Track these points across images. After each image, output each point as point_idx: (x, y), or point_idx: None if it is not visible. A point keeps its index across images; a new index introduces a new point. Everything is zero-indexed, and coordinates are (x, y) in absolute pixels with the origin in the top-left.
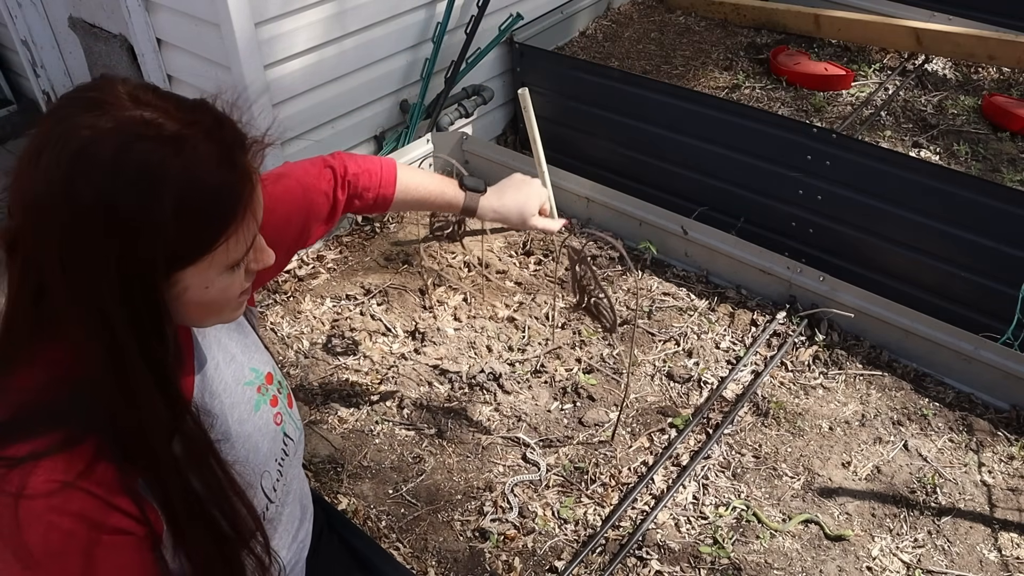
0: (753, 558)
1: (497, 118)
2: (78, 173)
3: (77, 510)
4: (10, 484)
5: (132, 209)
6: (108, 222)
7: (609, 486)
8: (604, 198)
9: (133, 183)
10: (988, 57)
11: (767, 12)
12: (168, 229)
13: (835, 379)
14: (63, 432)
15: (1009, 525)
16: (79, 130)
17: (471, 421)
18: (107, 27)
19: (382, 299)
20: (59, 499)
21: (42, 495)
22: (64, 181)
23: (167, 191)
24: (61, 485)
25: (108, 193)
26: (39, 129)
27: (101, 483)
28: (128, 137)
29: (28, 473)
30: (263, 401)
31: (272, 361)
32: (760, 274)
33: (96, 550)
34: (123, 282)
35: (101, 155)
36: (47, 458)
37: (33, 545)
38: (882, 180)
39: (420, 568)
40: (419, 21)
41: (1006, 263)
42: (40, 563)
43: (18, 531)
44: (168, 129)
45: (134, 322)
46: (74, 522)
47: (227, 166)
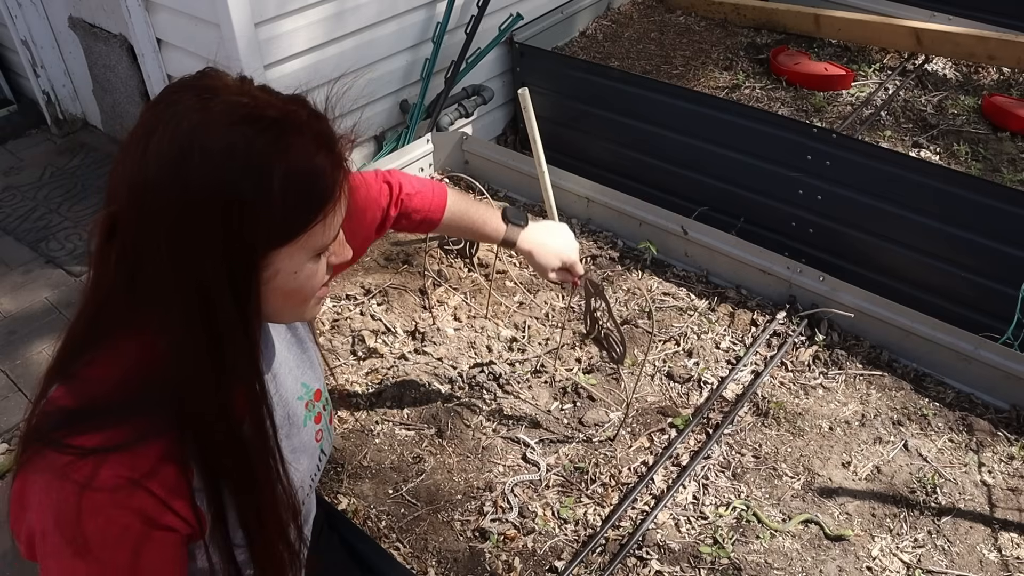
0: (753, 558)
1: (497, 118)
2: (190, 154)
3: (137, 507)
4: (79, 473)
5: (242, 188)
6: (220, 201)
7: (609, 486)
8: (604, 198)
9: (243, 163)
10: (988, 57)
11: (767, 12)
12: (274, 208)
13: (835, 379)
14: (134, 428)
15: (1009, 525)
16: (189, 113)
17: (471, 421)
18: (107, 27)
19: (382, 299)
20: (123, 495)
21: (108, 489)
22: (175, 163)
23: (275, 171)
24: (127, 482)
25: (220, 173)
26: (145, 115)
27: (163, 485)
28: (236, 119)
29: (98, 465)
30: (309, 417)
31: (323, 378)
32: (760, 274)
33: (145, 545)
34: (229, 262)
35: (212, 137)
36: (116, 452)
37: (90, 534)
38: (882, 180)
39: (420, 568)
40: (419, 21)
41: (1006, 263)
42: (92, 552)
43: (78, 519)
44: (272, 113)
45: (237, 305)
46: (132, 518)
47: (325, 151)
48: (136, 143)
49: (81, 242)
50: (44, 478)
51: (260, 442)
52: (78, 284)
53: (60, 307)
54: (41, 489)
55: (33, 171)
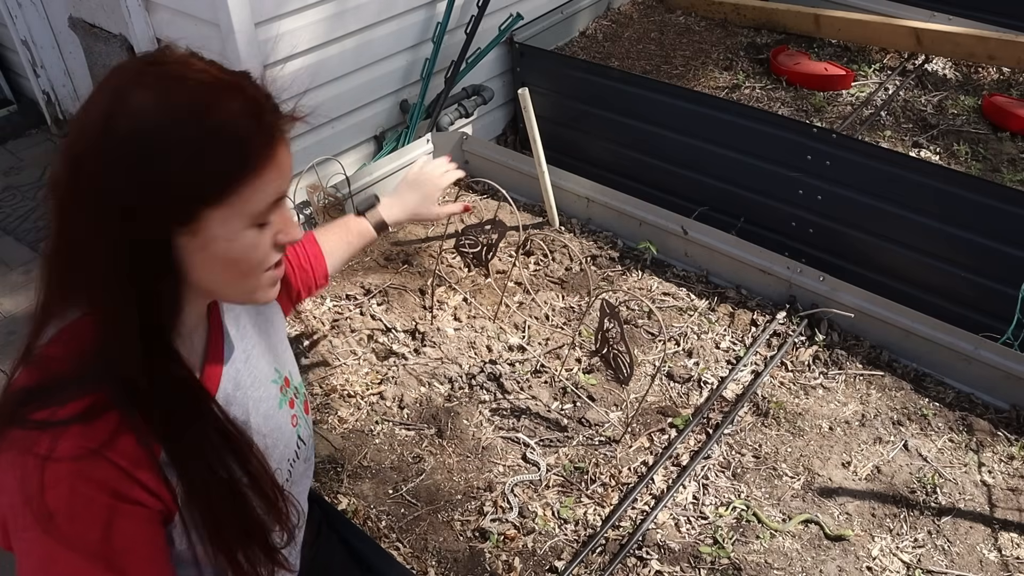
0: (753, 558)
1: (497, 118)
2: (117, 107)
3: (100, 478)
4: (40, 446)
5: (161, 142)
6: (139, 152)
7: (609, 486)
8: (604, 198)
9: (165, 116)
10: (988, 57)
11: (767, 12)
12: (193, 164)
13: (835, 379)
14: (87, 401)
15: (1009, 525)
16: (124, 78)
17: (471, 421)
18: (107, 27)
19: (382, 299)
20: (84, 465)
21: (68, 459)
22: (103, 116)
23: (193, 126)
24: (87, 452)
25: (140, 125)
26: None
27: (124, 455)
28: (167, 81)
29: (58, 437)
30: (284, 401)
31: (294, 366)
32: (760, 274)
33: (115, 519)
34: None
35: (138, 96)
36: (74, 424)
37: (54, 508)
38: (882, 180)
39: (420, 568)
40: (419, 21)
41: (1006, 263)
42: (59, 527)
43: (42, 493)
44: (203, 77)
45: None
46: (96, 490)
47: (253, 116)
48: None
49: None
50: (9, 456)
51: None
52: None
53: None
54: (7, 467)
55: (33, 171)
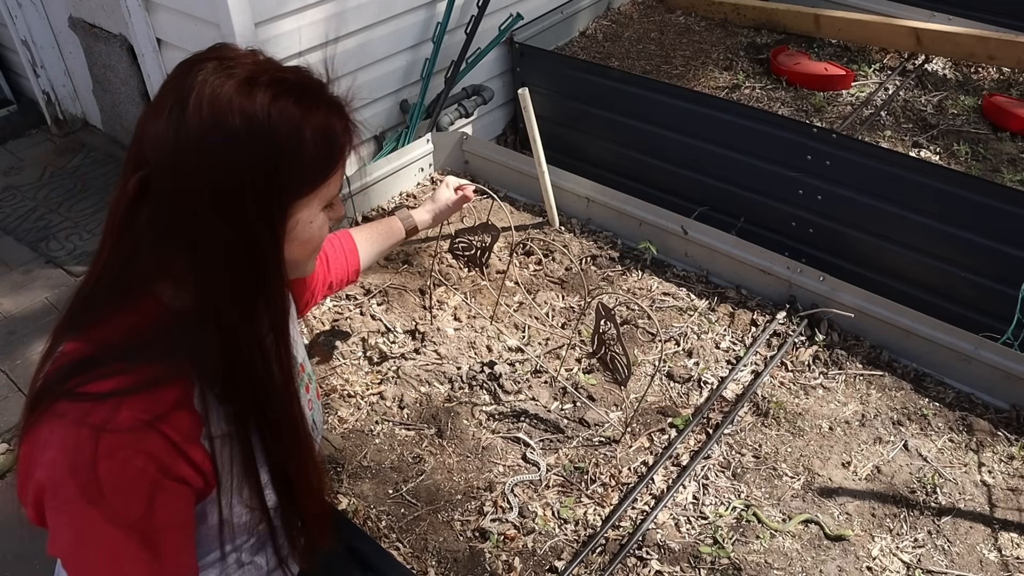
0: (753, 558)
1: (497, 118)
2: (230, 116)
3: (150, 449)
4: (95, 417)
5: (280, 144)
6: (261, 157)
7: (609, 486)
8: (604, 198)
9: (281, 123)
10: (988, 57)
11: (767, 12)
12: (304, 162)
13: (835, 379)
14: (152, 370)
15: (1009, 525)
16: (220, 81)
17: (471, 421)
18: (107, 27)
19: (382, 299)
20: (138, 436)
21: (125, 430)
22: (217, 125)
23: (305, 128)
24: (143, 423)
25: (261, 133)
26: (171, 86)
27: (177, 429)
28: (265, 84)
29: (117, 407)
30: (301, 384)
31: (305, 353)
32: (760, 274)
33: (158, 495)
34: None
35: (249, 101)
36: (134, 394)
37: (104, 478)
38: (882, 180)
39: (420, 568)
40: (419, 21)
41: (1006, 263)
42: (106, 497)
43: (94, 463)
44: (292, 78)
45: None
46: (146, 461)
47: (337, 109)
48: (167, 112)
49: (81, 242)
50: (59, 428)
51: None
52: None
53: (60, 307)
54: (56, 440)
55: (33, 171)
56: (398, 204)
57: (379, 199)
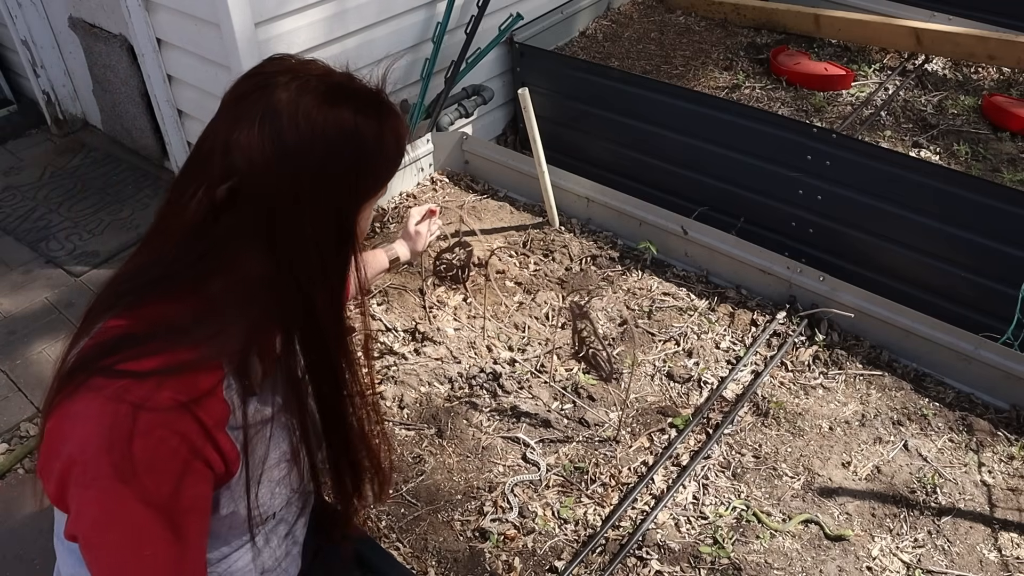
0: (753, 558)
1: (497, 118)
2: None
3: (184, 431)
4: (135, 394)
5: (367, 151)
6: (352, 163)
7: (609, 486)
8: (604, 198)
9: (368, 131)
10: (988, 57)
11: (767, 12)
12: (384, 166)
13: (835, 379)
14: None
15: (1009, 525)
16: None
17: (471, 421)
18: (107, 27)
19: (382, 299)
20: (174, 416)
21: (163, 409)
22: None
23: (386, 134)
24: (179, 404)
25: (353, 141)
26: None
27: (210, 413)
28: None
29: (158, 386)
30: None
31: None
32: (760, 274)
33: (187, 477)
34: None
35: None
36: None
37: (139, 456)
38: (882, 180)
39: (420, 568)
40: (419, 21)
41: (1006, 263)
42: (137, 475)
43: (129, 440)
44: (360, 88)
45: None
46: (180, 442)
47: (399, 115)
48: (257, 126)
49: (81, 242)
50: (96, 403)
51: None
52: (78, 284)
53: (60, 307)
54: (92, 415)
55: (33, 171)
56: (398, 204)
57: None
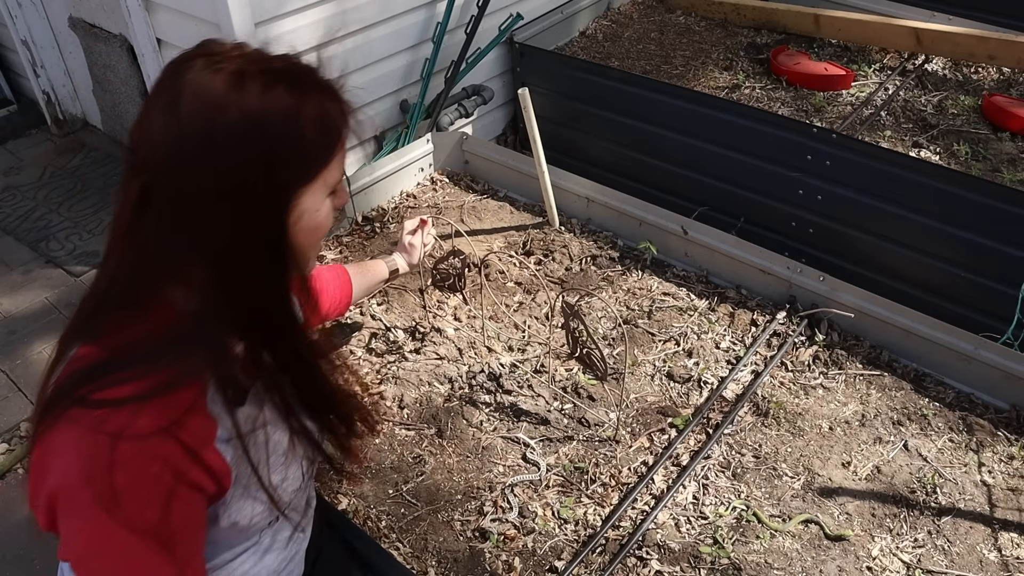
0: (753, 558)
1: (497, 118)
2: (225, 112)
3: (166, 455)
4: (112, 424)
5: (278, 136)
6: (260, 151)
7: (609, 486)
8: (604, 198)
9: (277, 114)
10: (988, 57)
11: (767, 12)
12: (302, 150)
13: (835, 379)
14: (166, 375)
15: (1009, 525)
16: (209, 77)
17: (471, 421)
18: (107, 27)
19: (382, 299)
20: (153, 443)
21: (142, 436)
22: (213, 123)
23: (302, 115)
24: (159, 430)
25: (258, 126)
26: (162, 88)
27: (193, 433)
28: (255, 75)
29: (134, 414)
30: None
31: None
32: (760, 274)
33: (173, 502)
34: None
35: (242, 95)
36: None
37: (120, 487)
38: (882, 180)
39: (420, 568)
40: (419, 21)
41: (1006, 263)
42: (121, 505)
43: (110, 471)
44: (280, 66)
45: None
46: (161, 468)
47: (332, 91)
48: (161, 114)
49: (81, 242)
50: (73, 435)
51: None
52: (78, 284)
53: (60, 307)
54: (70, 447)
55: (33, 171)
56: (398, 204)
57: (379, 199)
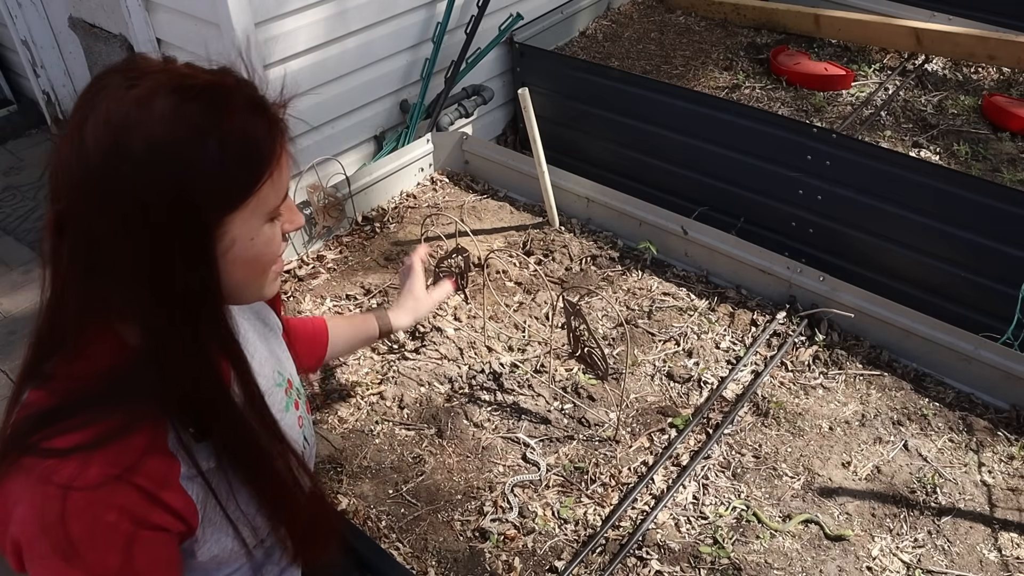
0: (753, 558)
1: (497, 118)
2: (127, 135)
3: (121, 503)
4: (61, 475)
5: (184, 160)
6: (165, 177)
7: (609, 486)
8: (604, 198)
9: (183, 135)
10: (988, 57)
11: (767, 12)
12: (218, 175)
13: (835, 379)
14: (115, 421)
15: (1009, 525)
16: (118, 96)
17: (471, 421)
18: (107, 27)
19: (382, 299)
20: (107, 492)
21: (92, 487)
22: (115, 147)
23: (212, 138)
24: (111, 478)
25: (160, 151)
26: (76, 107)
27: (150, 477)
28: (167, 94)
29: (83, 464)
30: (290, 403)
31: (293, 368)
32: (760, 274)
33: (135, 546)
34: (183, 236)
35: (146, 115)
36: (100, 449)
37: (76, 537)
38: (882, 180)
39: (420, 568)
40: (419, 21)
41: (1006, 263)
42: (80, 555)
43: (63, 522)
44: (200, 83)
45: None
46: (118, 516)
47: (258, 113)
48: (71, 136)
49: None
50: (27, 485)
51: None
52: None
53: None
54: (23, 498)
55: (33, 171)
56: (398, 204)
57: (379, 199)
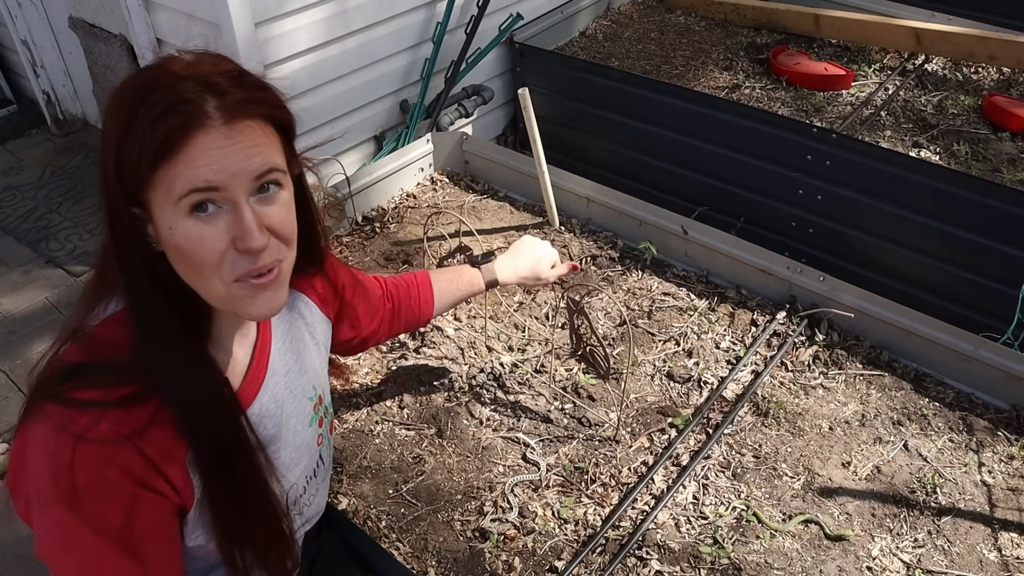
0: (753, 558)
1: (497, 118)
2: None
3: (125, 463)
4: (76, 425)
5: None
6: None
7: (609, 486)
8: (604, 198)
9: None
10: (988, 57)
11: (767, 12)
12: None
13: (835, 379)
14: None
15: (1009, 525)
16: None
17: (471, 421)
18: (107, 27)
19: None
20: (113, 449)
21: (101, 441)
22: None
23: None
24: (120, 437)
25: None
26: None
27: (154, 446)
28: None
29: (97, 419)
30: (315, 419)
31: (327, 387)
32: (760, 274)
33: (137, 506)
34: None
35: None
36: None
37: (81, 487)
38: (882, 180)
39: (420, 568)
40: (419, 21)
41: (1006, 263)
42: (84, 506)
43: (71, 471)
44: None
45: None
46: (121, 474)
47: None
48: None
49: (81, 242)
50: (43, 429)
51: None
52: (78, 284)
53: (60, 307)
54: (40, 441)
55: (33, 171)
56: (398, 204)
57: (379, 199)
